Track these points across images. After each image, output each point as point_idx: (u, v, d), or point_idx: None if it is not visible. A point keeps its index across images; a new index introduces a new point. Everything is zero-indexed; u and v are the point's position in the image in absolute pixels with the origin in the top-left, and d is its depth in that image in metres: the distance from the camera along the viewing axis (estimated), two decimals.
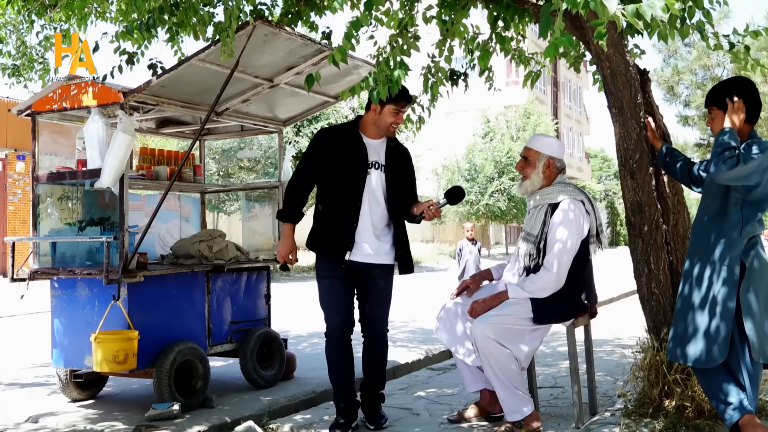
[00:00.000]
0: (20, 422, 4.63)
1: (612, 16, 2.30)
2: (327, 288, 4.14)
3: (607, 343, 7.34)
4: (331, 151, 4.10)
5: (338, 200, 4.07)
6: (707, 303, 3.36)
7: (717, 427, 3.70)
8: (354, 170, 4.07)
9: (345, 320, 4.14)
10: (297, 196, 4.14)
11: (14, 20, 6.17)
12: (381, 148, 4.18)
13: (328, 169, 4.10)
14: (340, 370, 4.19)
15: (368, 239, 4.07)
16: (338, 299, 4.12)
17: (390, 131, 4.16)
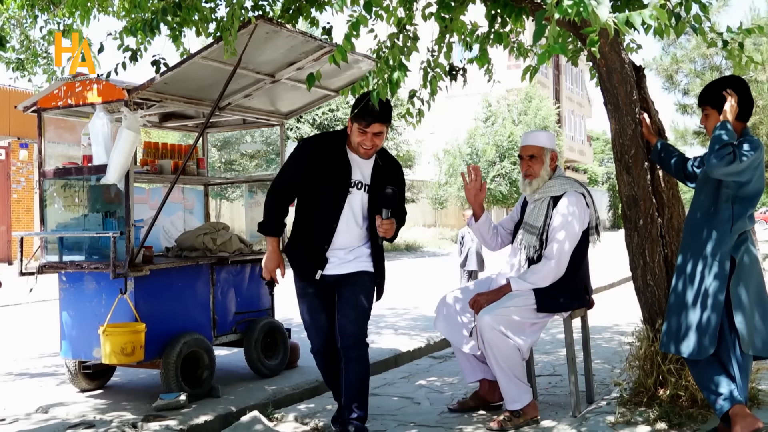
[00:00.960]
0: (31, 412, 4.75)
1: (604, 24, 2.37)
2: (305, 307, 3.92)
3: (606, 330, 7.44)
4: (314, 165, 3.78)
5: (314, 218, 3.80)
6: (699, 297, 3.46)
7: (709, 416, 3.82)
8: (333, 189, 3.75)
9: (326, 339, 3.90)
10: (277, 207, 3.85)
11: (18, 15, 6.22)
12: (367, 166, 3.82)
13: (308, 183, 3.80)
14: (332, 379, 4.01)
15: (341, 254, 3.83)
16: (317, 319, 3.90)
17: (361, 153, 3.75)
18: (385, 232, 3.73)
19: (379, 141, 3.72)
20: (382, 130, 3.69)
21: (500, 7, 4.11)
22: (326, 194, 3.76)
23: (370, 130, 3.66)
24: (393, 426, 4.11)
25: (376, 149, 3.74)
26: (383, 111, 3.66)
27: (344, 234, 3.79)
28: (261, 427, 4.18)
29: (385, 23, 4.30)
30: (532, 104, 34.68)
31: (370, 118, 3.63)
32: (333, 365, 3.93)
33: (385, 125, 3.71)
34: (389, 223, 3.72)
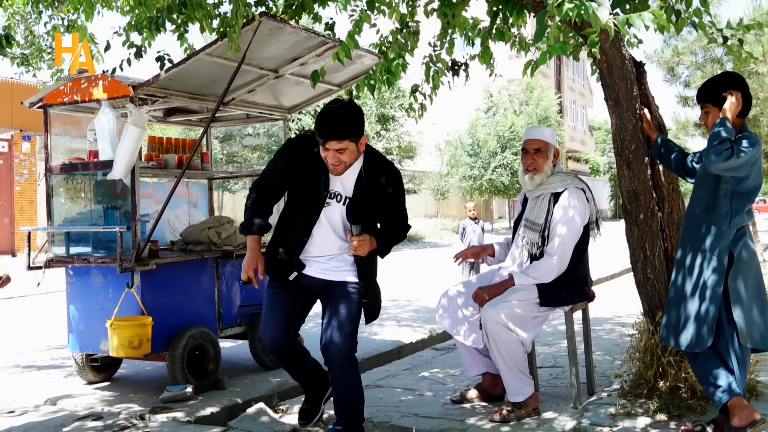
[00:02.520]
0: (39, 404, 4.82)
1: (604, 25, 2.41)
2: (268, 297, 3.66)
3: (607, 322, 7.51)
4: (292, 171, 3.53)
5: (290, 227, 3.57)
6: (697, 290, 3.51)
7: (708, 407, 3.88)
8: (308, 201, 3.49)
9: (274, 335, 3.60)
10: (255, 206, 3.60)
11: (22, 10, 6.25)
12: (349, 176, 3.48)
13: (287, 189, 3.61)
14: (293, 372, 3.86)
15: (320, 260, 3.57)
16: (274, 310, 3.61)
17: (330, 169, 3.44)
18: (355, 249, 3.43)
19: (345, 157, 3.37)
20: (342, 146, 3.33)
21: (502, 3, 4.14)
22: (301, 205, 3.51)
23: (330, 147, 3.34)
24: (396, 417, 4.17)
25: (346, 165, 3.40)
26: (338, 127, 3.32)
27: (321, 246, 3.53)
28: (267, 419, 4.26)
29: (388, 18, 4.35)
30: (534, 94, 34.66)
31: (324, 135, 3.33)
32: (288, 361, 3.74)
33: (346, 140, 3.33)
34: (359, 241, 3.41)
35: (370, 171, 3.50)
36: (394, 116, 24.48)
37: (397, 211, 3.62)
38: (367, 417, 4.14)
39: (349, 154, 3.39)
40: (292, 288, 3.60)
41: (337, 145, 3.33)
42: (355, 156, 3.43)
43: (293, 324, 3.63)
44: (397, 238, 3.66)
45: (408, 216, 3.72)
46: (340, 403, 3.56)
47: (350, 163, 3.42)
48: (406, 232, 3.70)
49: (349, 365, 3.50)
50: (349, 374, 3.52)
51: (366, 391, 4.80)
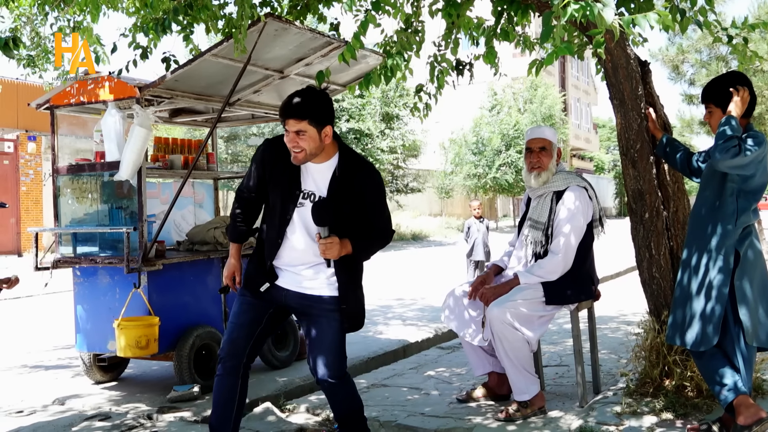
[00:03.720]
0: (47, 404, 4.85)
1: (609, 26, 2.42)
2: (236, 305, 3.40)
3: (612, 320, 7.51)
4: (266, 169, 3.35)
5: (267, 230, 3.38)
6: (703, 290, 3.52)
7: (714, 406, 3.88)
8: (281, 201, 3.29)
9: (234, 343, 3.32)
10: (238, 213, 3.48)
11: (28, 12, 6.27)
12: (324, 175, 3.27)
13: (264, 192, 3.41)
14: (215, 413, 3.36)
15: (294, 271, 3.31)
16: (239, 316, 3.36)
17: (291, 154, 3.21)
18: (323, 252, 3.16)
19: (304, 143, 3.14)
20: (300, 127, 3.11)
21: (506, 3, 4.15)
22: (275, 205, 3.31)
23: (290, 128, 3.14)
24: (403, 416, 4.19)
25: (306, 154, 3.16)
26: (297, 105, 3.13)
27: (296, 251, 3.27)
28: (273, 418, 4.28)
29: (392, 18, 4.37)
30: (538, 92, 34.63)
31: (282, 113, 3.16)
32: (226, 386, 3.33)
33: (304, 121, 3.11)
34: (326, 243, 3.14)
35: (346, 170, 3.27)
36: (399, 115, 24.48)
37: (376, 214, 3.33)
38: (374, 416, 4.16)
39: (309, 140, 3.14)
40: (264, 299, 3.35)
41: (296, 125, 3.12)
42: (317, 145, 3.17)
43: (257, 335, 3.35)
44: (377, 242, 3.37)
45: (390, 219, 3.41)
46: (339, 414, 3.45)
47: (311, 152, 3.17)
48: (387, 235, 3.41)
49: (341, 383, 3.32)
50: (341, 391, 3.35)
51: (372, 390, 4.84)
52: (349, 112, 21.66)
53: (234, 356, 3.31)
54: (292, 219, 3.25)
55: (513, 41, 5.13)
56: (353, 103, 21.51)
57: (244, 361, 3.33)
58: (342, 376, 3.31)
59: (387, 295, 10.44)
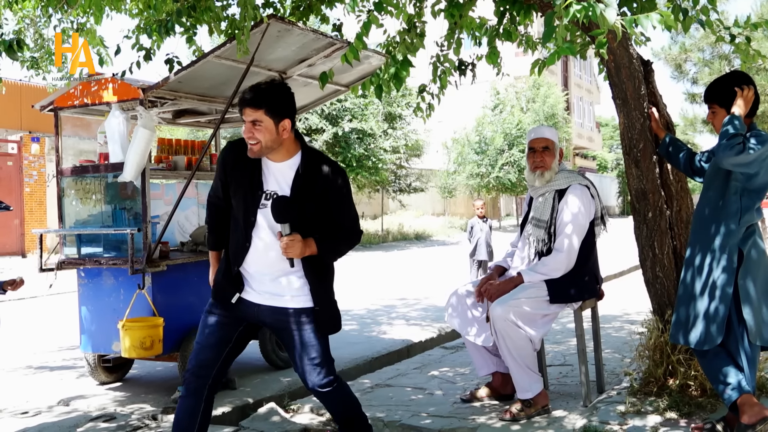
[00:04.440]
0: (53, 405, 4.87)
1: (612, 26, 2.42)
2: (202, 322, 3.26)
3: (616, 319, 7.51)
4: (227, 172, 3.23)
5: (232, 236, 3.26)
6: (707, 289, 3.52)
7: (718, 405, 3.88)
8: (244, 202, 3.17)
9: (201, 363, 3.18)
10: (213, 219, 3.39)
11: (32, 14, 6.30)
12: (286, 174, 3.16)
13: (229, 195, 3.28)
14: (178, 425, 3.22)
15: (264, 280, 3.20)
16: (207, 337, 3.22)
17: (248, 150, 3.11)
18: (285, 251, 3.05)
19: (260, 134, 3.04)
20: (257, 117, 3.03)
21: (509, 3, 4.15)
22: (239, 208, 3.20)
23: (246, 118, 3.05)
24: (407, 416, 4.19)
25: (262, 146, 3.05)
26: (255, 94, 3.04)
27: (262, 256, 3.15)
28: (278, 419, 4.29)
29: (395, 18, 4.37)
30: (541, 91, 34.61)
31: (240, 103, 3.07)
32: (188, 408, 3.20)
33: (260, 111, 3.02)
34: (288, 241, 3.03)
35: (309, 168, 3.16)
36: (401, 114, 24.49)
37: (342, 212, 3.22)
38: (378, 416, 4.17)
39: (265, 131, 3.04)
40: (233, 316, 3.23)
41: (252, 113, 3.03)
42: (273, 138, 3.06)
43: (225, 356, 3.23)
44: (344, 242, 3.26)
45: (357, 218, 3.30)
46: (337, 416, 3.40)
47: (267, 145, 3.06)
48: (355, 235, 3.29)
49: (333, 389, 3.23)
50: (335, 395, 3.27)
51: (376, 390, 4.85)
52: (351, 112, 21.66)
53: (199, 377, 3.18)
54: (257, 221, 3.14)
55: (515, 41, 5.14)
56: (356, 103, 21.50)
57: (209, 383, 3.20)
58: (332, 382, 3.22)
59: (390, 295, 10.45)
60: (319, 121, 20.99)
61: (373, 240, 23.92)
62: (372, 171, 22.20)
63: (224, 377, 3.31)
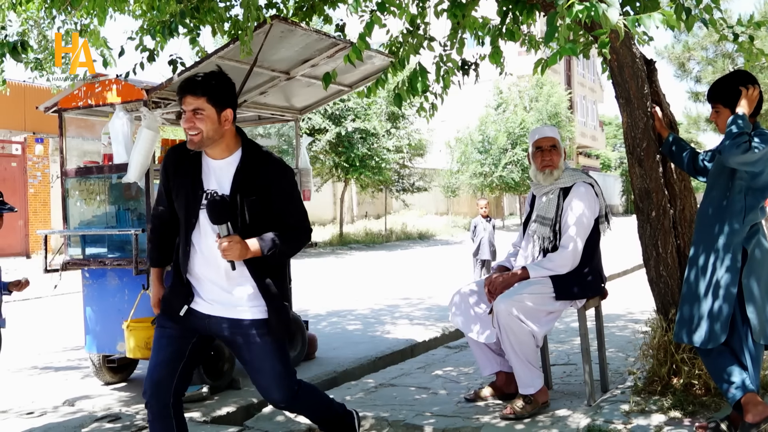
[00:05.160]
0: (58, 405, 4.88)
1: (614, 26, 2.43)
2: (154, 339, 3.12)
3: (620, 318, 7.50)
4: (171, 177, 3.09)
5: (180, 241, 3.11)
6: (711, 288, 3.52)
7: (722, 404, 3.88)
8: (185, 203, 3.01)
9: (156, 382, 3.02)
10: (157, 234, 3.23)
11: (35, 15, 6.31)
12: (226, 172, 3.00)
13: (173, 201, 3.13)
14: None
15: (214, 289, 3.03)
16: (158, 354, 3.05)
17: (188, 139, 2.94)
18: (224, 254, 2.87)
19: (202, 124, 2.87)
20: (199, 105, 2.87)
21: (512, 3, 4.16)
22: (181, 211, 3.06)
23: (187, 107, 2.88)
24: (411, 416, 4.20)
25: (203, 136, 2.89)
26: (196, 81, 2.91)
27: (210, 261, 2.99)
28: (282, 418, 4.30)
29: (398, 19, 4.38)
30: (544, 90, 34.62)
31: (181, 90, 2.91)
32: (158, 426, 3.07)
33: (202, 99, 2.88)
34: (226, 243, 2.85)
35: (249, 165, 2.99)
36: (404, 114, 24.49)
37: (287, 210, 3.03)
38: (382, 416, 4.18)
39: (207, 120, 2.88)
40: (184, 327, 3.07)
41: (193, 101, 2.87)
42: (215, 128, 2.91)
43: (180, 371, 3.05)
44: (291, 242, 3.03)
45: (305, 215, 3.10)
46: (314, 420, 3.36)
47: (209, 135, 2.90)
48: (303, 234, 3.08)
49: (297, 399, 3.12)
50: (302, 404, 3.17)
51: (380, 389, 4.86)
52: (354, 112, 21.67)
53: (159, 399, 3.02)
54: (198, 222, 2.98)
55: (518, 41, 5.14)
56: (359, 102, 21.51)
57: (171, 402, 3.04)
58: (295, 394, 3.09)
59: (394, 294, 10.46)
60: (323, 121, 21.00)
61: (376, 240, 23.93)
62: (375, 171, 22.21)
63: (184, 393, 3.13)
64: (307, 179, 6.04)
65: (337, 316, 8.45)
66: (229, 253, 2.86)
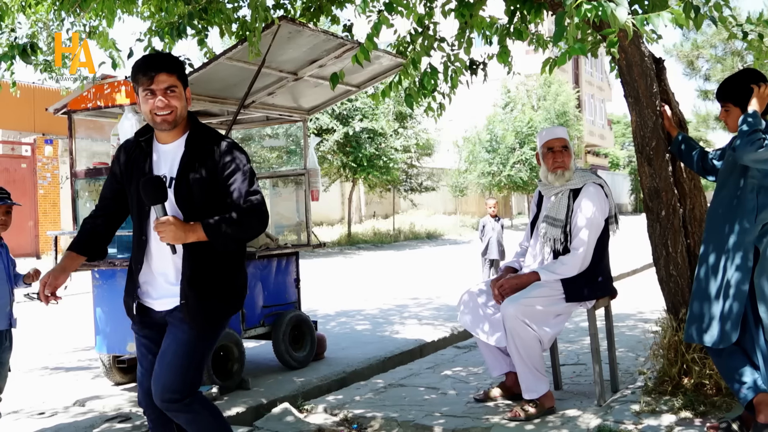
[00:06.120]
0: (68, 405, 4.90)
1: (623, 25, 2.42)
2: (136, 348, 3.02)
3: (630, 318, 7.47)
4: (123, 167, 2.95)
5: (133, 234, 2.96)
6: (722, 287, 3.50)
7: (733, 404, 3.86)
8: (136, 190, 2.85)
9: (147, 392, 2.90)
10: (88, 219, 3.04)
11: (45, 18, 6.34)
12: (175, 155, 2.86)
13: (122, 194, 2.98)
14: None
15: (163, 285, 2.88)
16: (141, 363, 2.97)
17: (157, 120, 2.78)
18: (160, 236, 2.71)
19: (176, 101, 2.76)
20: (172, 82, 2.75)
21: (519, 2, 4.15)
22: (133, 202, 2.91)
23: (157, 86, 2.73)
24: (420, 416, 4.20)
25: (176, 114, 2.78)
26: (166, 59, 2.80)
27: (159, 251, 2.84)
28: (292, 419, 4.30)
29: (405, 18, 4.38)
30: (552, 89, 34.54)
31: (152, 69, 2.74)
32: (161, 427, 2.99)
33: (174, 76, 2.76)
34: (162, 224, 2.68)
35: (197, 145, 2.84)
36: (412, 114, 24.49)
37: (237, 192, 2.78)
38: (391, 416, 4.18)
39: (181, 98, 2.78)
40: (154, 331, 2.93)
41: (167, 79, 2.74)
42: (184, 107, 2.81)
43: None
44: (242, 226, 2.75)
45: (259, 198, 2.81)
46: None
47: (181, 113, 2.80)
48: (255, 218, 2.77)
49: (181, 411, 2.82)
50: (184, 418, 2.85)
51: (389, 390, 4.86)
52: (362, 112, 21.67)
53: (153, 408, 2.90)
54: (151, 211, 2.80)
55: (526, 40, 5.13)
56: (366, 102, 21.52)
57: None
58: (179, 401, 2.79)
59: (402, 294, 10.46)
60: (330, 121, 21.02)
61: (384, 239, 23.94)
62: (383, 170, 22.21)
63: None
64: (315, 179, 6.05)
65: (346, 316, 8.45)
66: (163, 235, 2.69)
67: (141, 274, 2.91)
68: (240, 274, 2.94)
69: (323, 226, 25.59)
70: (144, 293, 2.92)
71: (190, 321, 2.78)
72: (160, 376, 2.81)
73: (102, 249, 3.05)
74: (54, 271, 2.90)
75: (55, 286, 2.87)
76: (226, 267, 2.86)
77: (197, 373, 2.85)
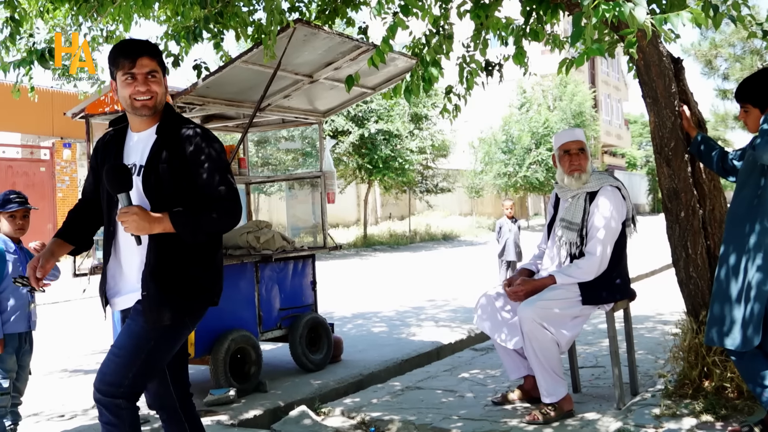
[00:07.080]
0: (87, 408, 4.93)
1: (641, 25, 2.39)
2: None
3: (648, 320, 7.41)
4: (99, 158, 2.87)
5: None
6: (743, 289, 3.45)
7: (755, 407, 3.80)
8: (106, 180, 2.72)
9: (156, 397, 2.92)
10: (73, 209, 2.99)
11: (62, 23, 6.39)
12: (146, 144, 2.76)
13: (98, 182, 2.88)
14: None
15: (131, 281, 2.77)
16: None
17: (136, 105, 2.68)
18: (124, 226, 2.61)
19: (155, 85, 2.70)
20: (153, 67, 2.69)
21: (535, 3, 4.12)
22: (103, 191, 2.81)
23: (139, 70, 2.67)
24: (438, 419, 4.18)
25: (156, 100, 2.71)
26: (147, 43, 2.74)
27: (126, 243, 2.74)
28: (309, 422, 4.30)
29: (420, 20, 4.37)
30: (568, 89, 34.35)
31: (133, 52, 2.67)
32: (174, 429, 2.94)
33: (155, 61, 2.71)
34: (125, 214, 2.57)
35: (167, 133, 2.75)
36: (427, 115, 24.46)
37: (207, 181, 2.68)
38: (409, 419, 4.16)
39: (161, 84, 2.74)
40: None
41: (149, 63, 2.68)
42: (164, 93, 2.77)
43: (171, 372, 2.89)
44: (213, 217, 2.66)
45: (231, 189, 2.70)
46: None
47: (161, 99, 2.74)
48: (226, 209, 2.67)
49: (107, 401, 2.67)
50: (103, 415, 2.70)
51: (406, 392, 4.84)
52: (377, 113, 21.67)
53: (164, 406, 2.90)
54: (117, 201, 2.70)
55: (542, 41, 5.10)
56: (382, 104, 21.50)
57: (177, 405, 2.90)
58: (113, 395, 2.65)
59: (419, 296, 10.43)
60: (345, 123, 21.03)
61: (400, 241, 23.92)
62: (399, 172, 22.19)
63: (189, 393, 2.97)
64: (331, 181, 6.05)
65: (363, 318, 8.45)
66: (127, 225, 2.59)
67: (109, 267, 2.82)
68: (211, 270, 2.79)
69: (339, 228, 25.62)
70: (111, 289, 2.84)
71: (146, 314, 2.65)
72: (102, 365, 2.71)
73: (87, 239, 2.97)
74: (42, 255, 2.81)
75: (44, 271, 2.80)
76: (194, 261, 2.73)
77: (142, 374, 2.69)
